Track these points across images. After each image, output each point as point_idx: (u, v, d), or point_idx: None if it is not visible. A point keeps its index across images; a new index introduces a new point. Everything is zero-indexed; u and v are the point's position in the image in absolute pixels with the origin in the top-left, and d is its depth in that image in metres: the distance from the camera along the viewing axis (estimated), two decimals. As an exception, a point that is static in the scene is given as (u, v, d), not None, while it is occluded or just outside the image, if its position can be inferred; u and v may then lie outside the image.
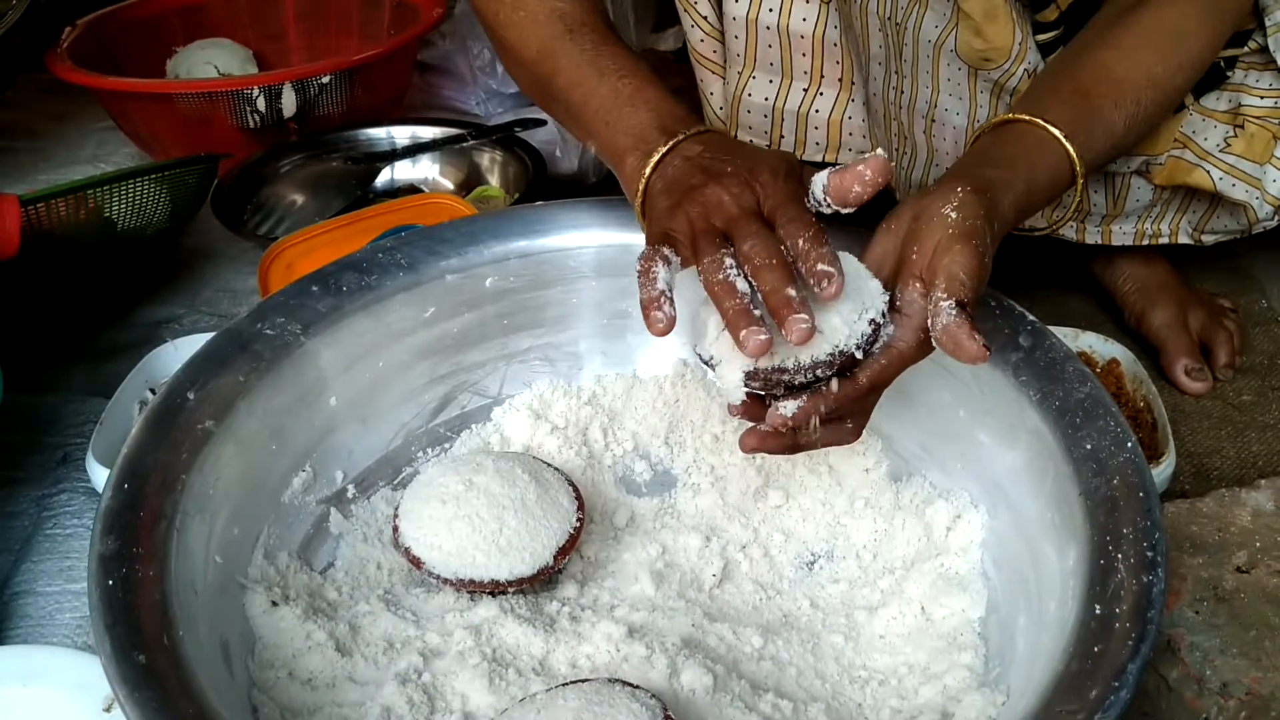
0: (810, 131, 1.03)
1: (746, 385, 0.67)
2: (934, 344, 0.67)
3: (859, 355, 0.66)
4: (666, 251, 0.68)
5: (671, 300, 0.66)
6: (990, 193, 0.70)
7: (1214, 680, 0.73)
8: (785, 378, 0.65)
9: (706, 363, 0.68)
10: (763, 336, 0.62)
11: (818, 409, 0.67)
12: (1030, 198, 0.75)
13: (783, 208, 0.68)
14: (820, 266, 0.63)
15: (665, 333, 0.65)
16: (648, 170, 0.76)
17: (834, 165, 0.71)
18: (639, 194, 0.77)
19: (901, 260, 0.69)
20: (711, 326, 0.67)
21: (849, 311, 0.65)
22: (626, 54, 0.85)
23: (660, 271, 0.66)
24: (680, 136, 0.76)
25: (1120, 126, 0.81)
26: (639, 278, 0.67)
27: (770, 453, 0.70)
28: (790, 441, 0.70)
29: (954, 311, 0.64)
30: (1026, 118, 0.77)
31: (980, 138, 0.80)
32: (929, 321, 0.66)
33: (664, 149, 0.76)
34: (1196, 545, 0.82)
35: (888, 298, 0.68)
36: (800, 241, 0.65)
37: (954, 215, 0.67)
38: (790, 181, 0.70)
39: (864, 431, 0.87)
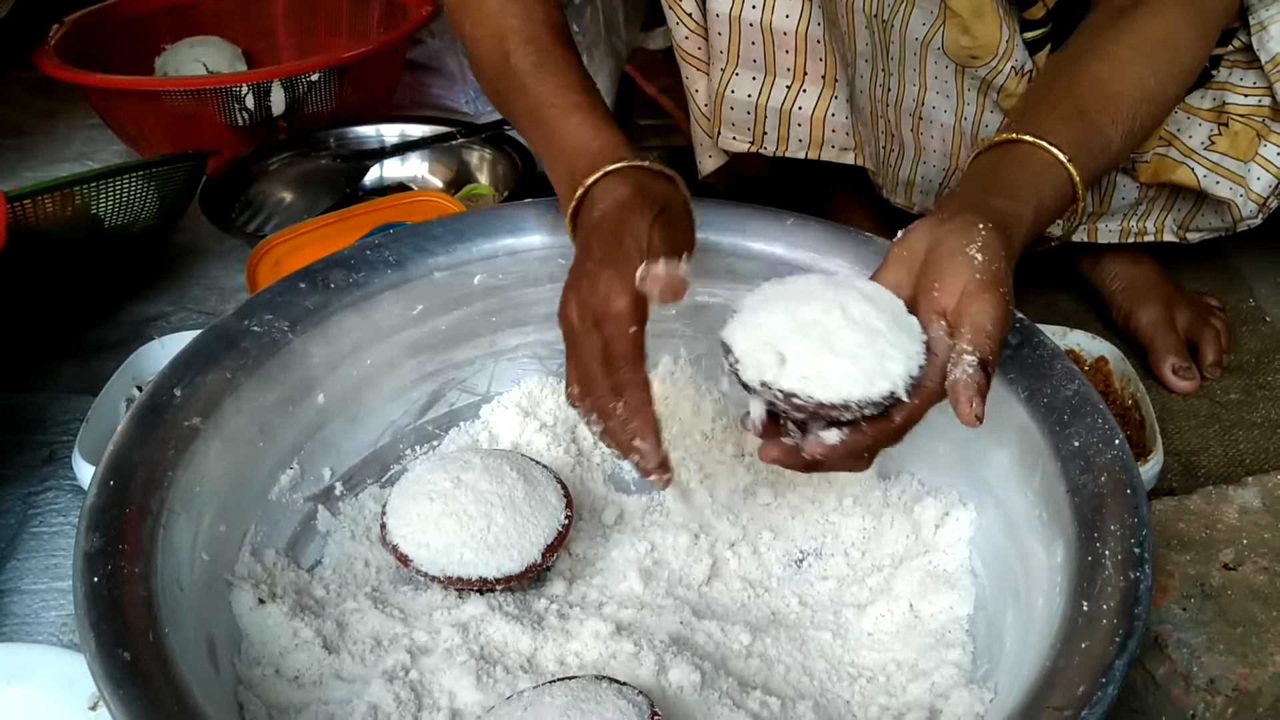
0: (793, 129, 1.03)
1: (795, 413, 0.66)
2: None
3: (905, 399, 0.65)
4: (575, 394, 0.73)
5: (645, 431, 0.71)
6: (1008, 230, 0.70)
7: (1201, 677, 0.73)
8: (835, 414, 0.64)
9: (757, 385, 0.66)
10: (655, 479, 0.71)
11: (856, 445, 0.66)
12: (1037, 226, 0.75)
13: (616, 361, 0.71)
14: (637, 443, 0.70)
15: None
16: (570, 232, 0.81)
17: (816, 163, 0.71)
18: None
19: (920, 292, 0.69)
20: (769, 353, 0.65)
21: (900, 357, 0.65)
22: (562, 75, 0.85)
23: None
24: (580, 190, 0.78)
25: (1116, 143, 0.81)
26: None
27: (789, 467, 0.69)
28: (806, 460, 0.69)
29: (971, 369, 0.64)
30: (1030, 139, 0.76)
31: (982, 156, 0.79)
32: (949, 367, 0.66)
33: (570, 212, 0.79)
34: (1184, 542, 0.82)
35: (924, 338, 0.67)
36: (617, 407, 0.71)
37: (980, 258, 0.67)
38: (625, 302, 0.71)
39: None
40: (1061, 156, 0.76)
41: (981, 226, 0.68)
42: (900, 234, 0.72)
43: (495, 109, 0.96)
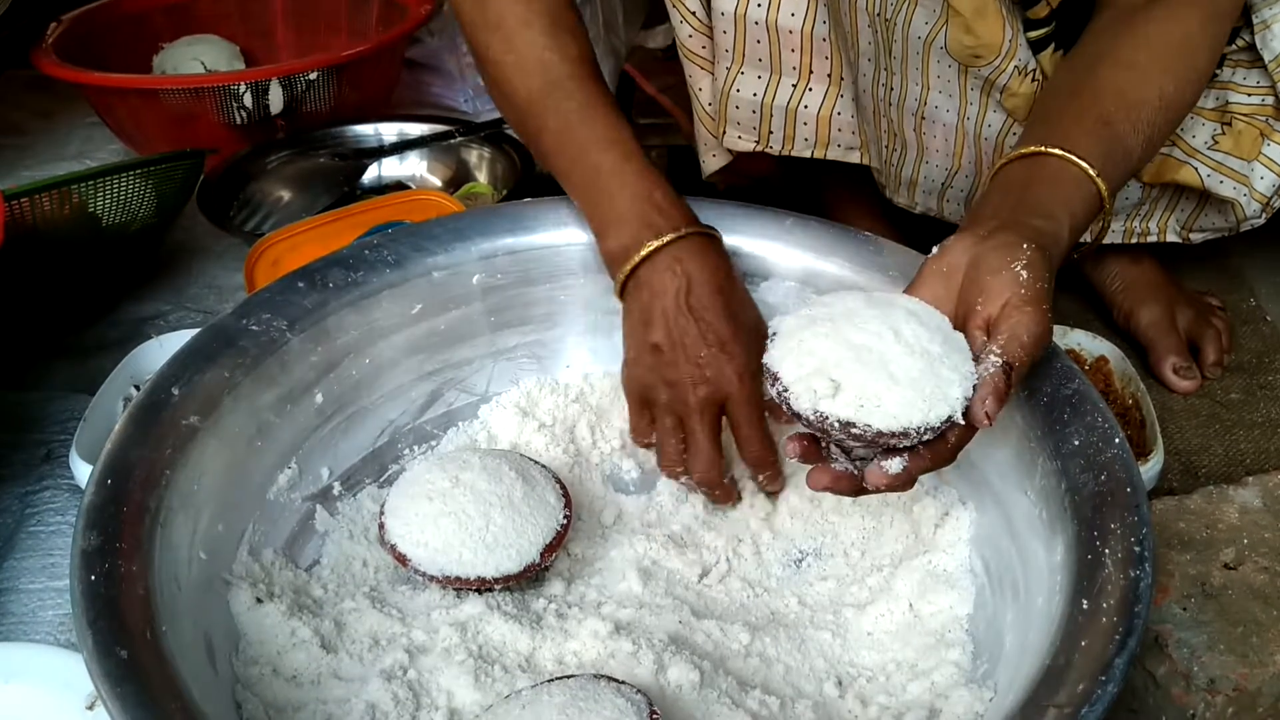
0: (799, 127, 1.03)
1: (851, 441, 0.66)
2: None
3: (961, 421, 0.65)
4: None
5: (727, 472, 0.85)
6: (1047, 250, 0.70)
7: (1201, 676, 0.73)
8: (894, 442, 0.64)
9: (812, 417, 0.65)
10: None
11: (919, 469, 0.67)
12: (1070, 244, 0.75)
13: (746, 433, 0.84)
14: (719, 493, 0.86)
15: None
16: (622, 279, 0.84)
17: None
18: (617, 293, 0.86)
19: (966, 308, 0.69)
20: (826, 380, 0.65)
21: (957, 379, 0.65)
22: (610, 116, 0.87)
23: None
24: (652, 246, 0.82)
25: (1137, 152, 0.81)
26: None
27: (838, 493, 0.70)
28: (858, 485, 0.69)
29: (993, 369, 0.65)
30: (1058, 152, 0.76)
31: (1010, 167, 0.78)
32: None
33: (637, 259, 0.83)
34: (1184, 542, 0.82)
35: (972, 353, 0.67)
36: (761, 479, 0.86)
37: (1025, 275, 0.67)
38: (754, 383, 0.82)
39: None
40: (1091, 171, 0.75)
41: (1026, 246, 0.68)
42: (936, 249, 0.71)
43: (516, 132, 0.95)
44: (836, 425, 0.64)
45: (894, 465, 0.66)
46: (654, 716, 0.64)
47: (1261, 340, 1.18)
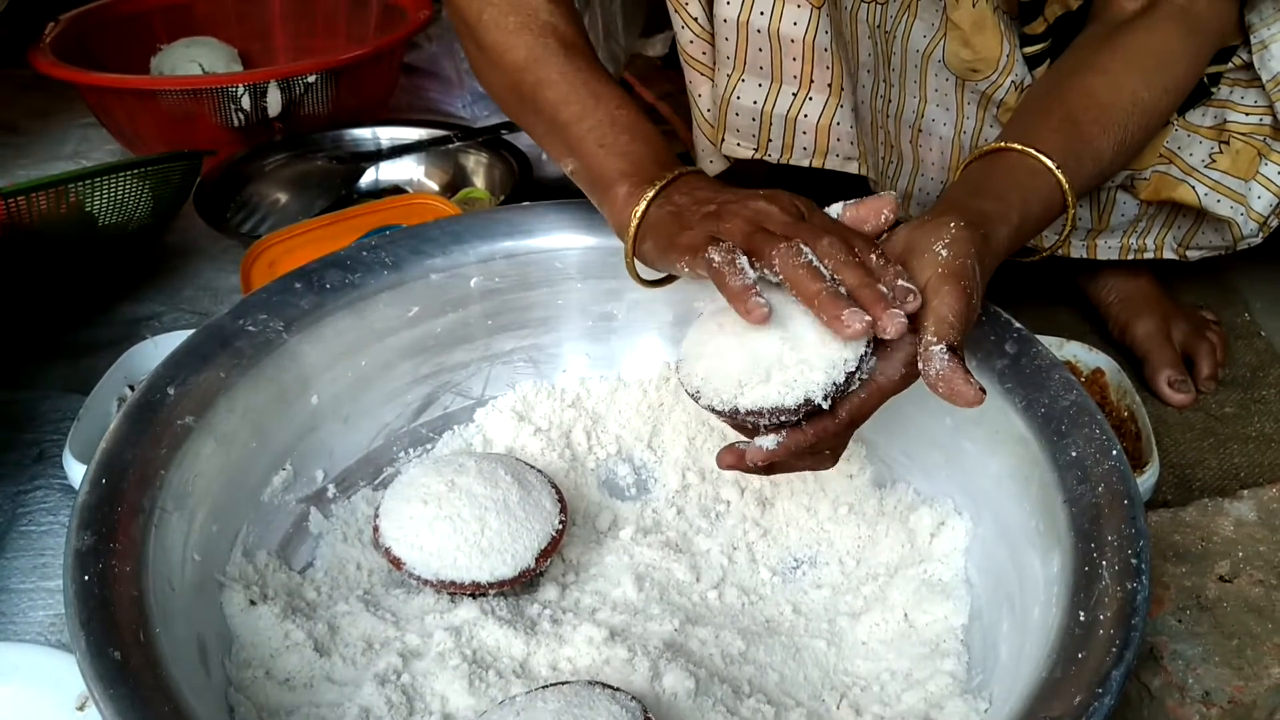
0: (798, 136, 1.02)
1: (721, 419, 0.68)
2: (928, 389, 0.66)
3: (825, 405, 0.65)
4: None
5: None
6: (984, 228, 0.70)
7: (1196, 688, 0.73)
8: (761, 420, 0.66)
9: (693, 396, 0.69)
10: (866, 319, 0.61)
11: (796, 445, 0.67)
12: (1023, 229, 0.75)
13: (836, 226, 0.68)
14: (901, 283, 0.64)
15: (766, 319, 0.64)
16: (650, 195, 0.75)
17: (833, 179, 0.71)
18: (634, 220, 0.75)
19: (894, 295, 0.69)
20: (702, 363, 0.68)
21: (832, 355, 0.65)
22: (621, 89, 0.85)
23: (744, 261, 0.65)
24: (681, 171, 0.76)
25: (1108, 153, 0.82)
26: (723, 268, 0.65)
27: (746, 472, 0.70)
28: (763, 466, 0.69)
29: (946, 356, 0.64)
30: (1018, 146, 0.77)
31: (971, 165, 0.79)
32: (920, 365, 0.65)
33: (669, 177, 0.75)
34: (1180, 554, 0.82)
35: (872, 338, 0.67)
36: (874, 256, 0.66)
37: (944, 254, 0.67)
38: (813, 211, 0.71)
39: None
40: (1050, 163, 0.76)
41: (952, 225, 0.68)
42: (881, 238, 0.72)
43: (496, 98, 0.92)
44: (710, 407, 0.67)
45: (768, 441, 0.67)
46: (648, 723, 0.63)
47: (1255, 355, 1.19)
